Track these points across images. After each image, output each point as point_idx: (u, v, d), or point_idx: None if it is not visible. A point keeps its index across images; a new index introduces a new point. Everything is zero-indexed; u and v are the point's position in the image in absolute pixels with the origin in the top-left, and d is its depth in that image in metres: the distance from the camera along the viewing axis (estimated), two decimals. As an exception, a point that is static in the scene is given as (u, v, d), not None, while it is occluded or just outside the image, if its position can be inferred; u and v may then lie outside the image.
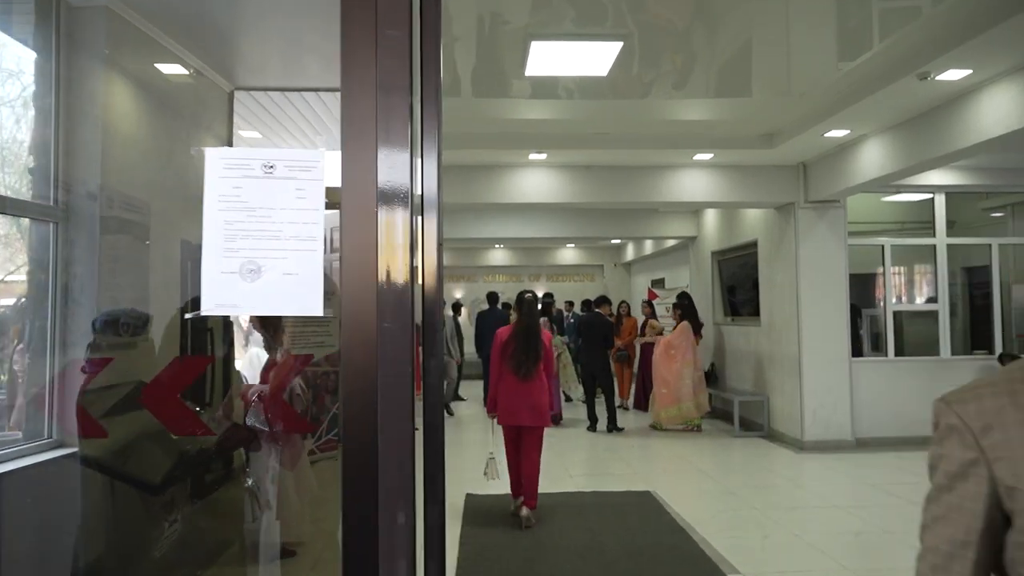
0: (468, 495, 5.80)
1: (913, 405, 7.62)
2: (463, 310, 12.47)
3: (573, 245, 16.28)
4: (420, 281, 1.11)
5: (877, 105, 5.47)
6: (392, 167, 0.94)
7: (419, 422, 1.04)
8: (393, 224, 0.93)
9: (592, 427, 8.53)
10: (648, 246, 13.86)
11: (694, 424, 8.50)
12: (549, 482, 6.16)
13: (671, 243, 12.30)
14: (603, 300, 9.03)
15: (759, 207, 8.08)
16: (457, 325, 11.94)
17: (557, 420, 8.98)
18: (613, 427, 8.38)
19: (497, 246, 16.13)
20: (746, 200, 7.59)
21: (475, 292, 15.01)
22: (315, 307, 1.06)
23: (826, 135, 6.34)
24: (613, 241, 15.43)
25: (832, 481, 6.20)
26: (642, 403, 9.97)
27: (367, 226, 0.92)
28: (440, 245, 1.14)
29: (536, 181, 7.47)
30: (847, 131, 6.25)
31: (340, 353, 0.93)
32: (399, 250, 0.93)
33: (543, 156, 7.07)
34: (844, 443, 7.46)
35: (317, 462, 6.61)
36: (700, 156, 7.15)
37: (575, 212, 10.61)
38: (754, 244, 8.65)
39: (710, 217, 10.13)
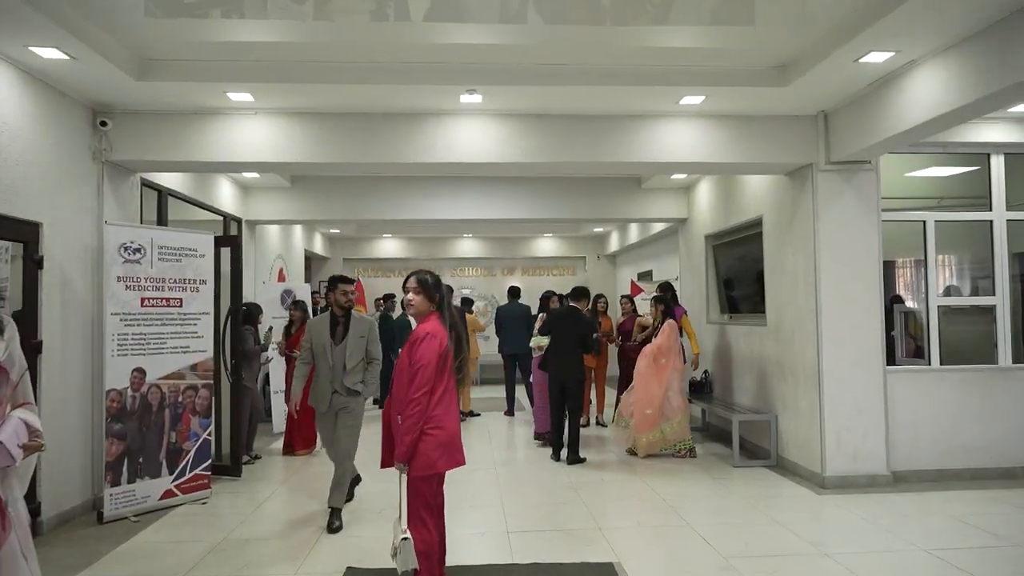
0: (349, 569, 4.02)
1: (964, 428, 5.86)
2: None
3: (551, 235, 14.52)
4: None
5: (943, 4, 3.72)
6: None
7: None
8: None
9: (556, 455, 6.75)
10: (634, 233, 12.09)
11: (686, 447, 6.73)
12: (474, 543, 4.38)
13: (659, 228, 10.53)
14: (580, 293, 7.12)
15: (765, 171, 6.30)
16: (393, 322, 10.25)
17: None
18: (575, 457, 6.59)
19: (466, 235, 14.36)
20: (749, 161, 5.80)
21: (441, 287, 13.20)
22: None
23: (862, 60, 4.57)
24: (596, 229, 13.67)
25: (874, 543, 4.42)
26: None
27: None
28: None
29: (470, 135, 5.66)
30: (891, 52, 4.47)
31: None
32: None
33: (477, 99, 5.28)
34: (877, 478, 5.69)
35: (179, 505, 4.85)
36: (689, 99, 5.37)
37: (535, 186, 8.83)
38: (758, 223, 6.88)
39: (703, 193, 8.36)
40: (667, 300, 6.98)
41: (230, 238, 6.12)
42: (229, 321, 6.21)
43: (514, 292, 10.13)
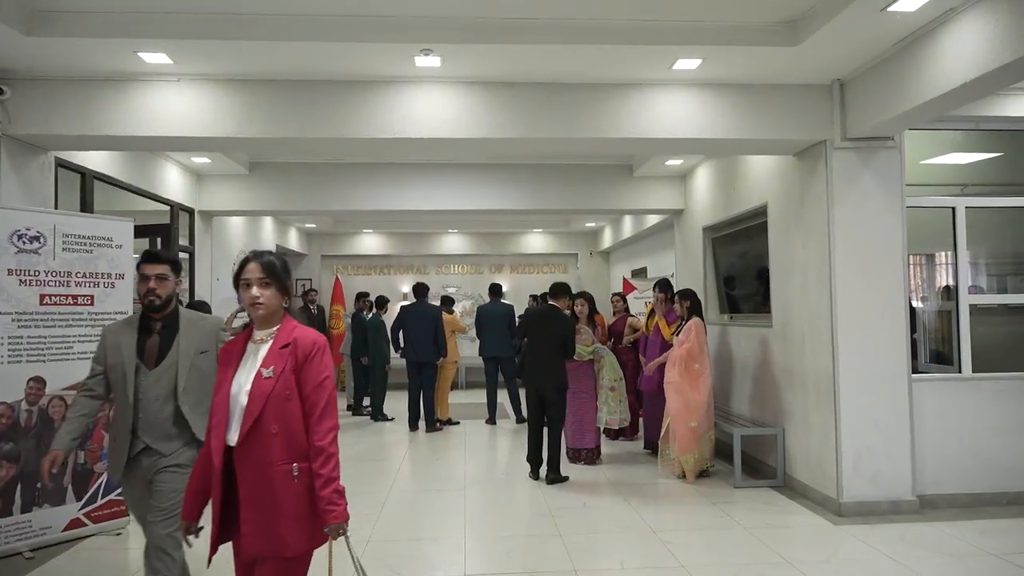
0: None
1: (1000, 446, 5.10)
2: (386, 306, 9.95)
3: (541, 230, 13.74)
4: None
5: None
6: None
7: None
8: None
9: (535, 473, 5.98)
10: (627, 228, 11.32)
11: (707, 468, 5.99)
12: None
13: (653, 221, 9.76)
14: (560, 289, 6.24)
15: (771, 151, 5.53)
16: (367, 322, 9.50)
17: (595, 459, 6.57)
18: (556, 476, 5.82)
19: (451, 231, 13.59)
20: (752, 138, 5.02)
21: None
22: None
23: (889, 8, 3.80)
24: (588, 224, 12.89)
25: (902, 590, 3.66)
26: (621, 431, 7.46)
27: None
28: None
29: (428, 106, 4.87)
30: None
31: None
32: None
33: (435, 62, 4.50)
34: (902, 505, 4.92)
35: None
36: (683, 63, 4.59)
37: (518, 175, 8.07)
38: (762, 212, 6.11)
39: (701, 181, 7.58)
40: (693, 295, 6.17)
41: (159, 227, 5.35)
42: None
43: (495, 290, 9.38)
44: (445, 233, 13.68)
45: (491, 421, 8.94)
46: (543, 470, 5.92)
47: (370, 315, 9.71)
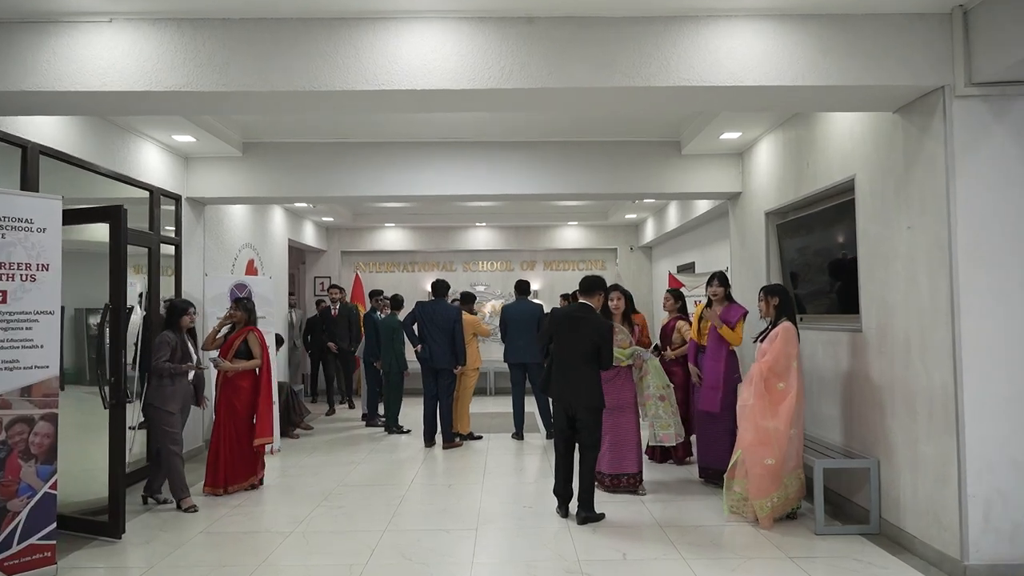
0: None
1: None
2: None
3: (576, 223, 12.63)
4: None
5: None
6: None
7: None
8: None
9: (563, 509, 4.89)
10: (672, 218, 10.12)
11: (794, 510, 4.79)
12: None
13: (703, 209, 8.56)
14: (592, 285, 4.97)
15: (866, 106, 4.34)
16: (379, 323, 8.62)
17: (637, 485, 5.49)
18: (588, 514, 4.72)
19: (479, 224, 12.57)
20: (845, 84, 3.84)
21: (452, 284, 11.36)
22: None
23: None
24: (628, 216, 11.73)
25: None
26: (667, 452, 6.33)
27: None
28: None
29: (423, 49, 3.81)
30: None
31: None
32: None
33: (428, -15, 3.46)
34: (1050, 570, 3.69)
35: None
36: (754, -17, 3.47)
37: (547, 154, 6.98)
38: (847, 187, 4.91)
39: (764, 157, 6.39)
40: (783, 291, 4.96)
41: (106, 210, 4.42)
42: (107, 322, 4.51)
43: (522, 288, 8.32)
44: (473, 227, 12.68)
45: (518, 436, 7.89)
46: (573, 504, 4.84)
47: (384, 315, 8.75)
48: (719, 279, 5.62)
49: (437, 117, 6.30)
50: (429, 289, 7.92)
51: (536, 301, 8.98)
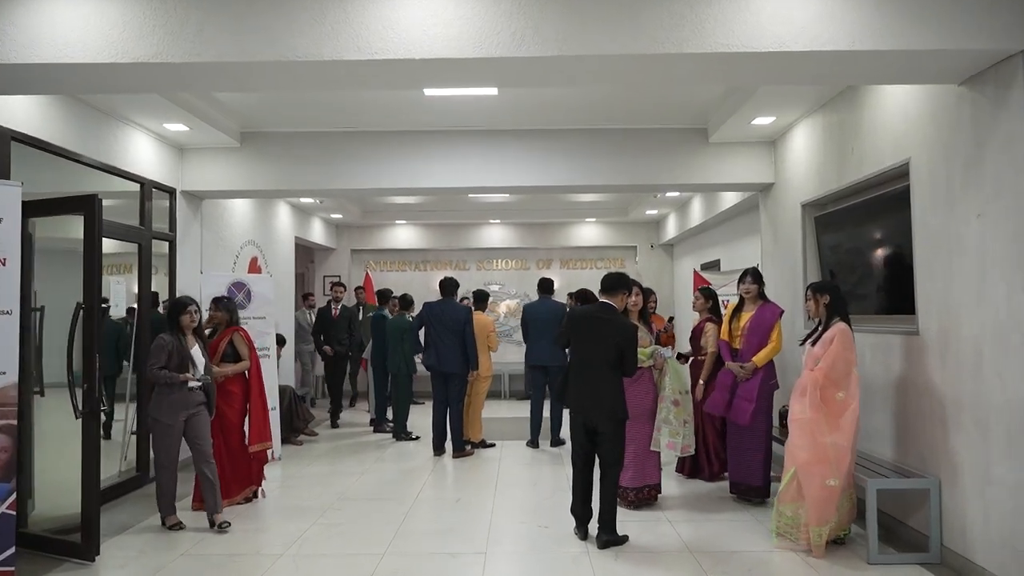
0: None
1: None
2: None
3: (594, 220, 12.14)
4: None
5: None
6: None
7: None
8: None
9: (582, 530, 4.41)
10: (696, 214, 9.60)
11: (843, 536, 4.27)
12: None
13: (729, 204, 8.04)
14: (615, 282, 4.43)
15: (927, 77, 3.81)
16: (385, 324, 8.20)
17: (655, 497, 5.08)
18: (610, 538, 4.23)
19: (493, 221, 12.13)
20: (902, 47, 3.33)
21: (465, 283, 10.92)
22: None
23: None
24: (649, 212, 11.22)
25: None
26: (697, 466, 5.82)
27: None
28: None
29: (421, 12, 3.35)
30: None
31: None
32: None
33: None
34: None
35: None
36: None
37: (564, 143, 6.53)
38: (901, 172, 4.39)
39: (800, 144, 5.87)
40: (835, 288, 4.40)
41: (78, 200, 4.02)
42: (79, 321, 4.11)
43: (545, 286, 7.84)
44: (487, 224, 12.24)
45: (533, 443, 7.43)
46: (593, 524, 4.36)
47: (392, 316, 8.32)
48: (752, 275, 5.12)
49: (446, 103, 5.85)
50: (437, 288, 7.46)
51: (559, 301, 8.49)
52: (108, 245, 6.08)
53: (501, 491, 5.62)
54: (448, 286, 7.25)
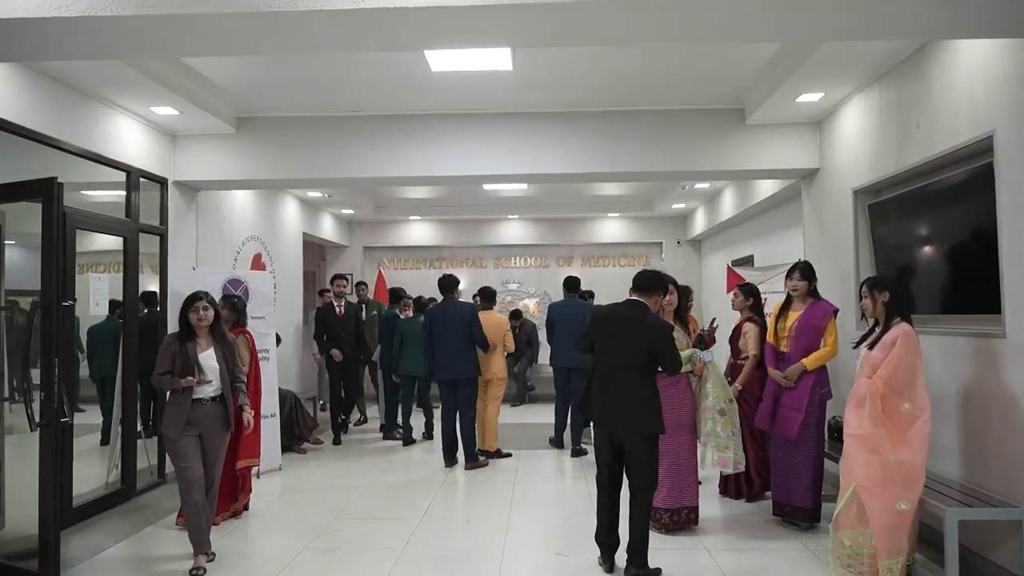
0: None
1: None
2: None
3: (618, 215, 11.54)
4: None
5: None
6: None
7: None
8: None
9: (608, 562, 3.82)
10: (727, 207, 8.98)
11: (908, 566, 3.63)
12: None
13: (765, 194, 7.41)
14: (650, 281, 3.85)
15: (1014, 31, 3.20)
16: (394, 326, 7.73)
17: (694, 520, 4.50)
18: (641, 572, 3.65)
19: (511, 217, 11.58)
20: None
21: (481, 281, 10.37)
22: None
23: None
24: (675, 206, 10.60)
25: None
26: (738, 486, 5.21)
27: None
28: None
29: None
30: None
31: None
32: None
33: None
34: None
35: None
36: None
37: (587, 126, 5.99)
38: (983, 148, 3.76)
39: (852, 122, 5.25)
40: (895, 284, 3.77)
41: (31, 185, 3.55)
42: (36, 321, 3.64)
43: (571, 284, 7.37)
44: (504, 220, 11.70)
45: (556, 443, 7.12)
46: (620, 554, 3.79)
47: (405, 316, 7.83)
48: (801, 270, 4.51)
49: (456, 81, 5.32)
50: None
51: (584, 300, 7.99)
52: (97, 241, 5.68)
53: (517, 509, 5.07)
54: (447, 284, 6.70)
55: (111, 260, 5.70)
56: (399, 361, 7.55)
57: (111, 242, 5.46)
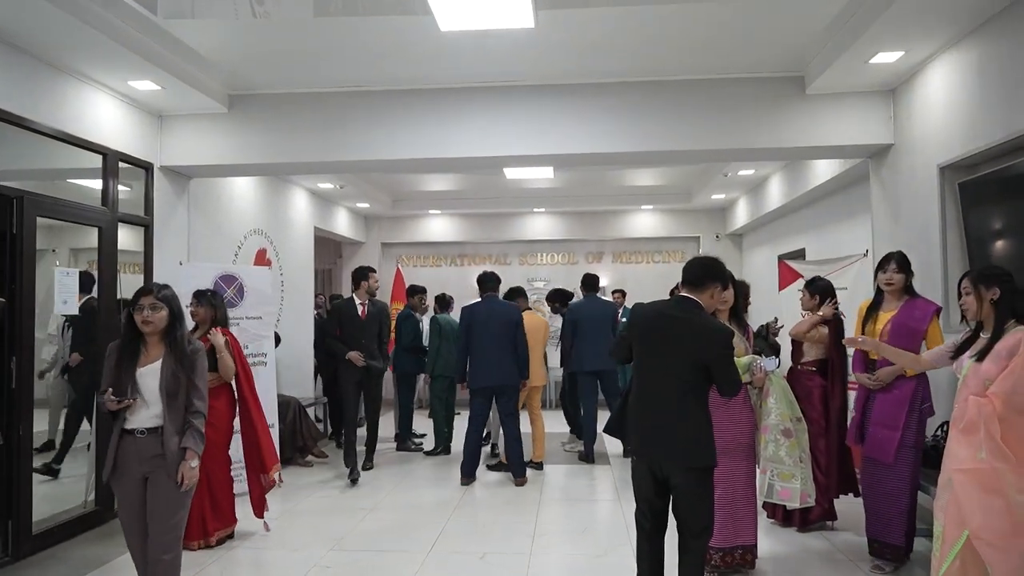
0: None
1: None
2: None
3: (652, 207, 10.74)
4: None
5: None
6: None
7: None
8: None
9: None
10: (774, 197, 8.14)
11: None
12: None
13: (822, 179, 6.58)
14: (707, 272, 3.03)
15: None
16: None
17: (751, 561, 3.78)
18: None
19: (537, 210, 10.86)
20: None
21: (507, 280, 9.58)
22: None
23: None
24: (715, 196, 9.78)
25: None
26: (787, 510, 4.42)
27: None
28: None
29: None
30: None
31: None
32: None
33: None
34: None
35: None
36: None
37: (623, 99, 5.24)
38: None
39: (938, 87, 4.42)
40: (1007, 279, 2.92)
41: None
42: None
43: (590, 283, 6.76)
44: (530, 213, 10.99)
45: (587, 458, 6.55)
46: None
47: (421, 315, 7.19)
48: (898, 261, 3.73)
49: (470, 44, 4.62)
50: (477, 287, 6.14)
51: (607, 299, 7.32)
52: (83, 235, 5.11)
53: (540, 542, 4.35)
54: (488, 281, 6.01)
55: (83, 257, 5.13)
56: (436, 362, 6.97)
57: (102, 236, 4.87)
